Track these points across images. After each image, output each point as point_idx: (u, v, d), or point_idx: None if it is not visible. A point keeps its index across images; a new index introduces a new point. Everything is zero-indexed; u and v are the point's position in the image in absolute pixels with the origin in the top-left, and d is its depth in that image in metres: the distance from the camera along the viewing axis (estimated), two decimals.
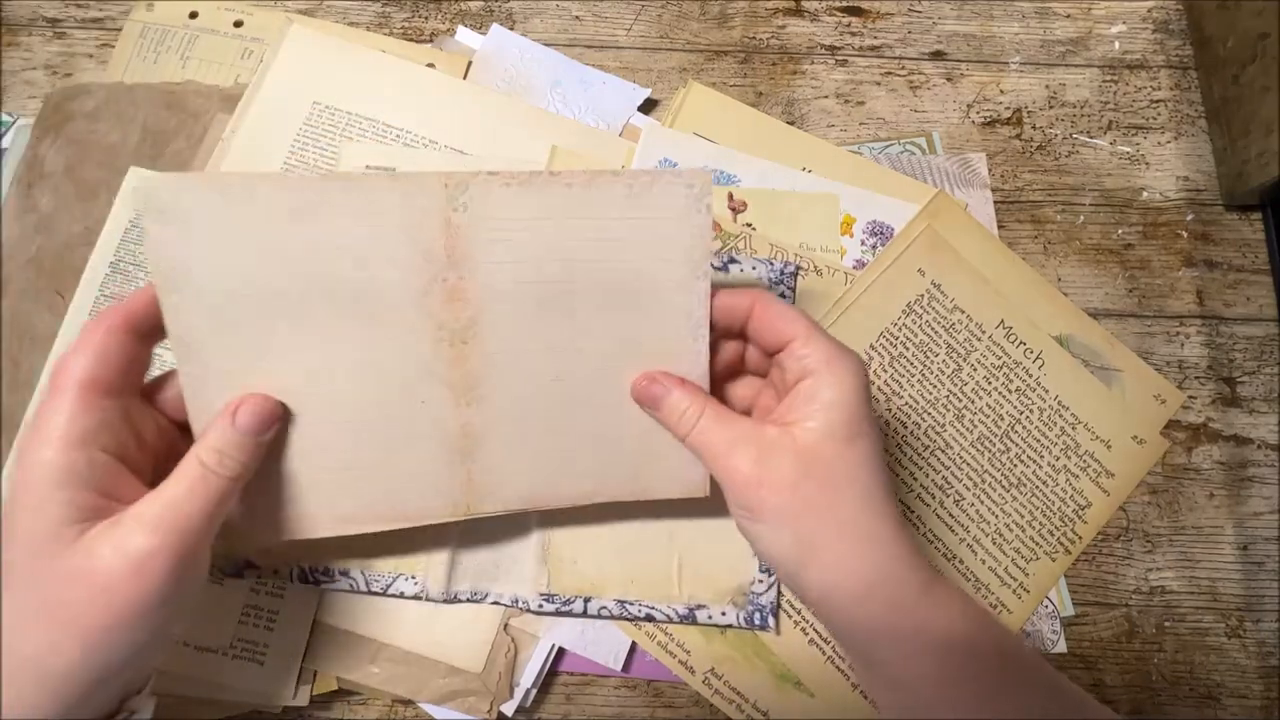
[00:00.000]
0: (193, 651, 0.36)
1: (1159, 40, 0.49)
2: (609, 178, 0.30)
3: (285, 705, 0.36)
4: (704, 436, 0.30)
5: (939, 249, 0.43)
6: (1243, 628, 0.40)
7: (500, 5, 0.49)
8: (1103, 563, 0.41)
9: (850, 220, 0.43)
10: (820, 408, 0.28)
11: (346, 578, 0.37)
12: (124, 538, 0.25)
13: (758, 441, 0.28)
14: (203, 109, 0.43)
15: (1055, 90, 0.48)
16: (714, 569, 0.38)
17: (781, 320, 0.30)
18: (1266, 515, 0.42)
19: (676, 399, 0.30)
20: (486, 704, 0.36)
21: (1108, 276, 0.45)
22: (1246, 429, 0.43)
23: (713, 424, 0.30)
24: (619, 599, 0.37)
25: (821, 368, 0.29)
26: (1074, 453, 0.41)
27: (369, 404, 0.31)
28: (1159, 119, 0.48)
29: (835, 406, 0.28)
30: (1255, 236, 0.46)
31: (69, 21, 0.47)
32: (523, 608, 0.37)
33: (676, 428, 0.30)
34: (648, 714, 0.38)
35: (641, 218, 0.30)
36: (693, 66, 0.48)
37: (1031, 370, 0.42)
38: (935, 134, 0.47)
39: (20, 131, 0.44)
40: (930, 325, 0.42)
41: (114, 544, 0.25)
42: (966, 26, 0.49)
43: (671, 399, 0.30)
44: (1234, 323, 0.44)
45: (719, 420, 0.30)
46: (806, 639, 0.38)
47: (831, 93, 0.48)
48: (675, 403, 0.30)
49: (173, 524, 0.25)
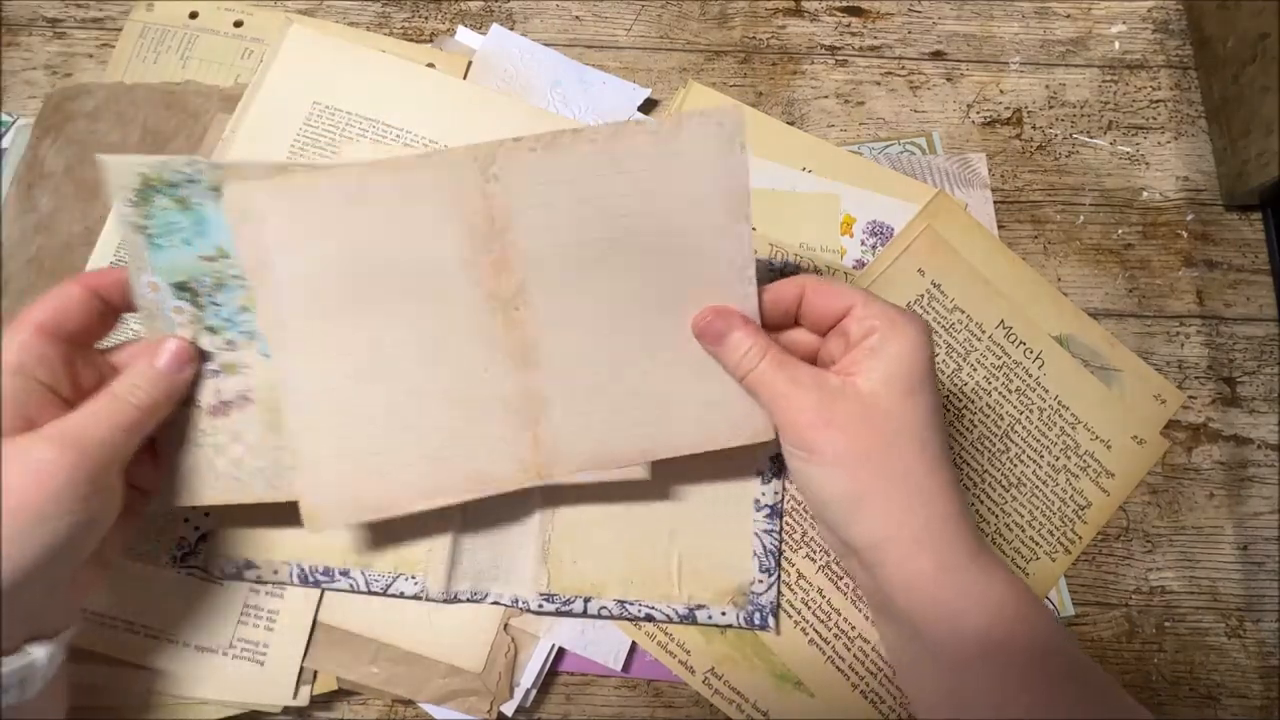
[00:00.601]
0: (193, 651, 0.36)
1: (1159, 40, 0.49)
2: (633, 128, 0.30)
3: (285, 705, 0.36)
4: (766, 376, 0.30)
5: (939, 249, 0.43)
6: (1243, 628, 0.40)
7: (500, 5, 0.49)
8: (1103, 563, 0.41)
9: (850, 220, 0.43)
10: (884, 361, 0.28)
11: (346, 578, 0.37)
12: (27, 447, 0.27)
13: (820, 385, 0.29)
14: (203, 109, 0.43)
15: (1055, 90, 0.48)
16: (714, 569, 0.38)
17: (837, 294, 0.31)
18: (1266, 515, 0.42)
19: (739, 337, 0.30)
20: (486, 704, 0.36)
21: (1108, 276, 0.45)
22: (1246, 429, 0.43)
23: (775, 364, 0.30)
24: (619, 599, 0.37)
25: (885, 325, 0.29)
26: (1074, 453, 0.41)
27: (434, 377, 0.32)
28: (1159, 119, 0.48)
29: (899, 359, 0.28)
30: (1255, 236, 0.46)
31: (69, 21, 0.47)
32: (523, 608, 0.37)
33: (738, 366, 0.31)
34: (648, 714, 0.38)
35: (673, 164, 0.30)
36: (693, 66, 0.48)
37: (1031, 370, 0.42)
38: (935, 134, 0.47)
39: (20, 131, 0.44)
40: (930, 325, 0.42)
41: (17, 452, 0.26)
42: (966, 26, 0.49)
43: (734, 336, 0.31)
44: (1234, 323, 0.44)
45: (781, 362, 0.30)
46: (806, 639, 0.38)
47: (831, 93, 0.48)
48: (738, 340, 0.30)
49: (75, 441, 0.27)
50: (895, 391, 0.28)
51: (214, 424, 0.33)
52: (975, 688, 0.27)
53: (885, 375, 0.28)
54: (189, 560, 0.37)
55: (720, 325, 0.31)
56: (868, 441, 0.28)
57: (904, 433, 0.28)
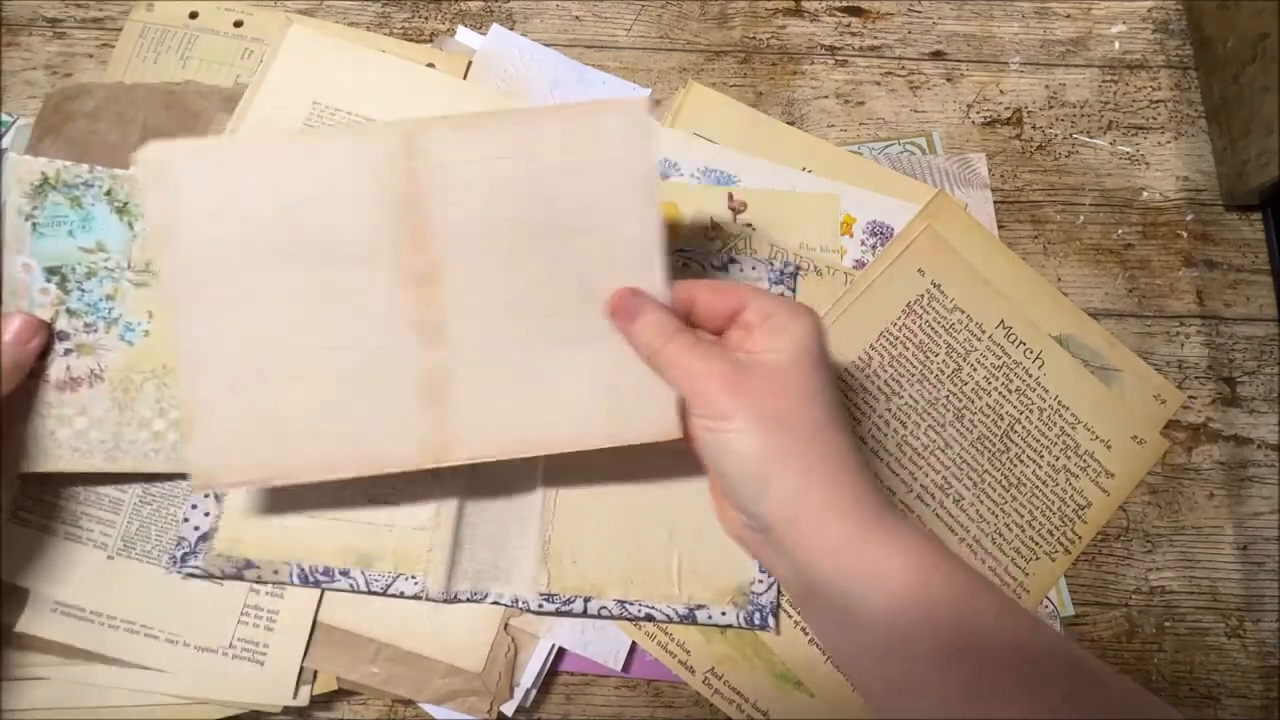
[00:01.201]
0: (193, 651, 0.36)
1: (1159, 40, 0.49)
2: (549, 114, 0.32)
3: (285, 705, 0.36)
4: (677, 353, 0.30)
5: (939, 249, 0.43)
6: (1243, 628, 0.40)
7: (500, 5, 0.49)
8: (1103, 563, 0.41)
9: (850, 220, 0.43)
10: (790, 336, 0.29)
11: (346, 578, 0.37)
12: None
13: (730, 357, 0.30)
14: (203, 109, 0.43)
15: (1055, 90, 0.48)
16: (714, 569, 0.38)
17: (729, 291, 0.31)
18: (1266, 515, 0.42)
19: (652, 315, 0.31)
20: (486, 704, 0.36)
21: (1108, 276, 0.45)
22: (1246, 429, 0.43)
23: (687, 343, 0.30)
24: (619, 599, 0.37)
25: (785, 311, 0.30)
26: (1074, 453, 0.41)
27: (340, 348, 0.32)
28: (1159, 119, 0.48)
29: (805, 335, 0.29)
30: (1255, 236, 0.46)
31: (69, 21, 0.47)
32: (523, 608, 0.37)
33: (650, 344, 0.31)
34: (648, 714, 0.38)
35: (585, 150, 0.31)
36: (693, 66, 0.48)
37: (1031, 370, 0.42)
38: (935, 134, 0.47)
39: (20, 131, 0.44)
40: (930, 325, 0.42)
41: None
42: (966, 26, 0.49)
43: (647, 314, 0.31)
44: (1234, 323, 0.44)
45: (692, 341, 0.30)
46: (806, 639, 0.38)
47: (831, 93, 0.48)
48: (651, 319, 0.31)
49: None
50: (803, 363, 0.29)
51: (61, 398, 0.35)
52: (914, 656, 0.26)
53: (792, 348, 0.29)
54: (189, 560, 0.37)
55: (634, 304, 0.31)
56: (778, 404, 0.28)
57: (812, 396, 0.29)
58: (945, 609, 0.26)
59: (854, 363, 0.41)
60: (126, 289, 0.37)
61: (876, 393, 0.41)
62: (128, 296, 0.37)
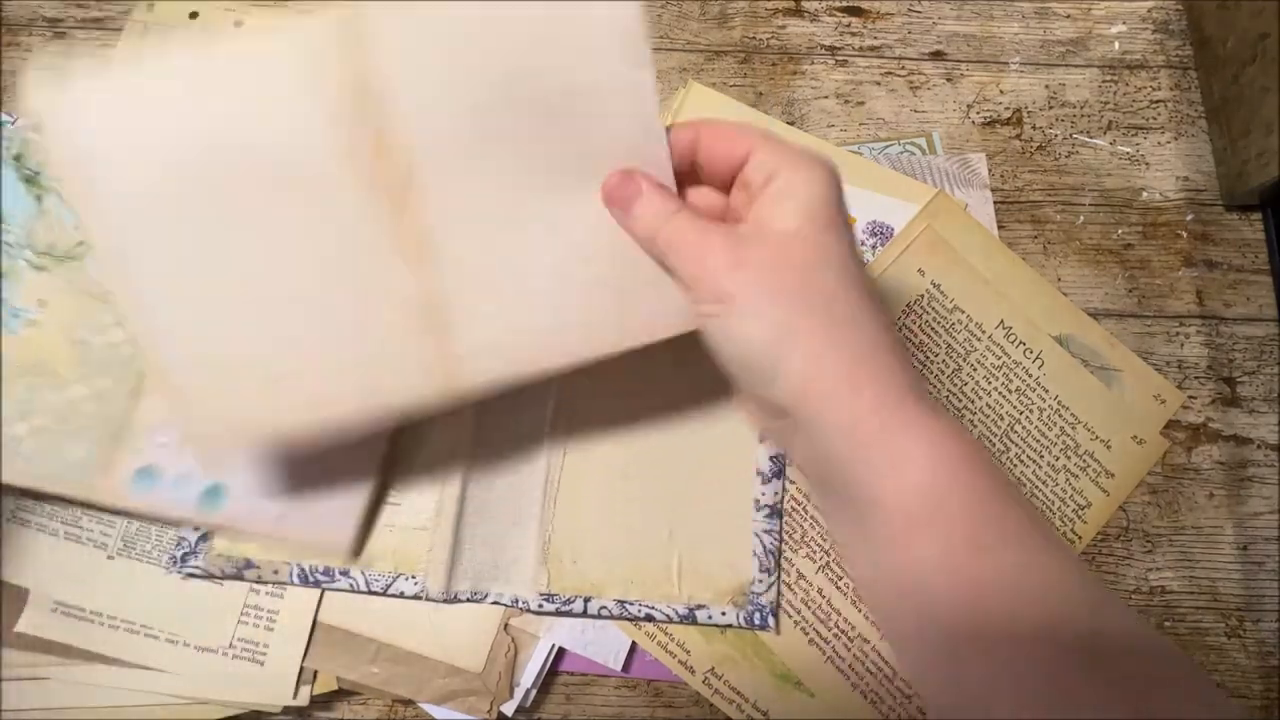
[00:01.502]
0: (193, 651, 0.36)
1: (1159, 40, 0.49)
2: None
3: (285, 705, 0.36)
4: (675, 233, 0.27)
5: (939, 249, 0.43)
6: (1243, 628, 0.40)
7: None
8: (1102, 563, 0.41)
9: (850, 220, 0.43)
10: (793, 201, 0.26)
11: (346, 578, 0.37)
12: None
13: (732, 232, 0.27)
14: None
15: (1055, 90, 0.48)
16: (714, 569, 0.38)
17: (734, 136, 0.28)
18: (1266, 515, 0.42)
19: (649, 197, 0.28)
20: (486, 704, 0.36)
21: (1108, 276, 0.45)
22: (1246, 429, 0.43)
23: (686, 221, 0.27)
24: (619, 599, 0.37)
25: (788, 168, 0.27)
26: (1074, 453, 0.41)
27: (318, 283, 0.28)
28: (1159, 119, 0.48)
29: (810, 200, 0.26)
30: (1255, 236, 0.46)
31: (69, 21, 0.47)
32: (523, 608, 0.37)
33: (647, 227, 0.28)
34: (648, 714, 0.38)
35: (564, 16, 0.27)
36: (693, 66, 0.48)
37: (1031, 370, 0.42)
38: (935, 134, 0.47)
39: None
40: (930, 325, 0.42)
41: None
42: (966, 26, 0.49)
43: (644, 198, 0.28)
44: (1234, 323, 0.44)
45: (692, 218, 0.27)
46: (806, 639, 0.38)
47: (831, 93, 0.48)
48: (647, 200, 0.28)
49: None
50: (809, 228, 0.26)
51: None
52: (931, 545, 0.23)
53: (799, 215, 0.26)
54: (189, 560, 0.37)
55: (628, 188, 0.28)
56: (784, 277, 0.25)
57: (822, 263, 0.26)
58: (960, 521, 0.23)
59: None
60: (21, 269, 0.32)
61: None
62: (22, 278, 0.32)
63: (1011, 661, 0.22)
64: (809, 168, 0.27)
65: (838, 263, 0.26)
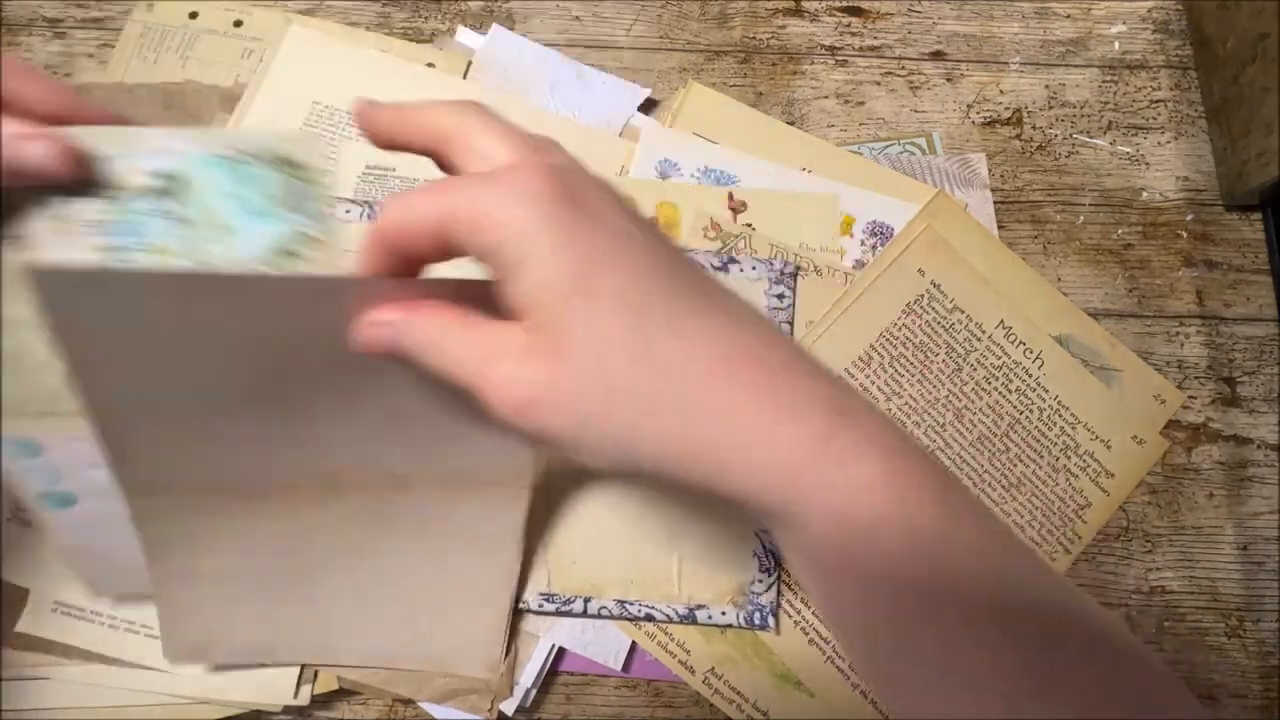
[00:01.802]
0: None
1: (1159, 40, 0.49)
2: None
3: (285, 705, 0.36)
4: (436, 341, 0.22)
5: (939, 249, 0.43)
6: (1243, 628, 0.40)
7: (500, 5, 0.49)
8: (1102, 563, 0.41)
9: (850, 220, 0.44)
10: (526, 276, 0.21)
11: None
12: None
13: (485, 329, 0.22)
14: (203, 109, 0.43)
15: (1055, 90, 0.48)
16: (714, 569, 0.38)
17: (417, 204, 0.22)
18: (1266, 515, 0.42)
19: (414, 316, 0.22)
20: (487, 703, 0.36)
21: (1108, 276, 0.45)
22: (1246, 429, 0.43)
23: (437, 326, 0.22)
24: (619, 599, 0.37)
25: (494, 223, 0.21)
26: (1074, 452, 0.41)
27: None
28: (1159, 119, 0.48)
29: (541, 263, 0.20)
30: (1255, 236, 0.46)
31: (69, 21, 0.47)
32: (523, 608, 0.37)
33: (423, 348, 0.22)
34: (648, 714, 0.38)
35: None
36: (693, 66, 0.48)
37: (1031, 370, 0.42)
38: (935, 134, 0.47)
39: None
40: (930, 325, 0.42)
41: None
42: (966, 26, 0.49)
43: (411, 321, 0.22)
44: (1234, 323, 0.44)
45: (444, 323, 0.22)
46: (806, 639, 0.38)
47: (831, 93, 0.48)
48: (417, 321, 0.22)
49: None
50: (552, 297, 0.20)
51: None
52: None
53: (539, 285, 0.20)
54: None
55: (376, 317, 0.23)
56: (567, 365, 0.20)
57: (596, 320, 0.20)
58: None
59: (854, 363, 0.41)
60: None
61: (876, 393, 0.41)
62: None
63: (969, 622, 0.20)
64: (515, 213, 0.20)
65: (620, 303, 0.20)
